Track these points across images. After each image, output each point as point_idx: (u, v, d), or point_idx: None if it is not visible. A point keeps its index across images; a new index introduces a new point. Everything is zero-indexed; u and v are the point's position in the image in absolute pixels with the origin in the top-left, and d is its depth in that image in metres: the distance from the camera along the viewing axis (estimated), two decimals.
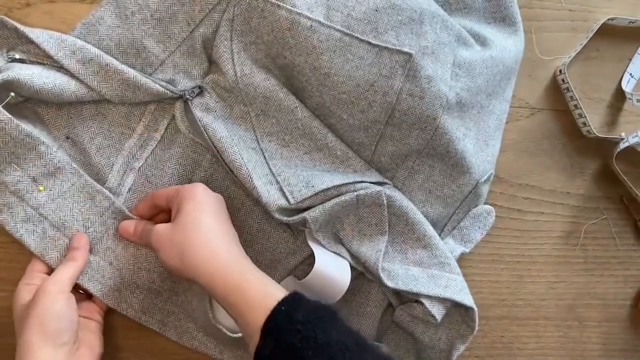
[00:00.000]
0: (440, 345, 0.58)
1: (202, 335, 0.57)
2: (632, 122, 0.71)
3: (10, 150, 0.50)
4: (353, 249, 0.57)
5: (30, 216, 0.52)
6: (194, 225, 0.49)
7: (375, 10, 0.53)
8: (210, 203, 0.51)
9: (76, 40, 0.52)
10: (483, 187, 0.62)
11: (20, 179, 0.51)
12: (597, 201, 0.70)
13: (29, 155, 0.51)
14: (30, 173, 0.52)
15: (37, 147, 0.51)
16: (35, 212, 0.52)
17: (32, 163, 0.51)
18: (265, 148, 0.56)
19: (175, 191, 0.52)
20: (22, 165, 0.51)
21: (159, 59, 0.55)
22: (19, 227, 0.52)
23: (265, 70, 0.55)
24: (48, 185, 0.53)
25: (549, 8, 0.68)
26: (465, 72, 0.57)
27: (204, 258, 0.48)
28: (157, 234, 0.50)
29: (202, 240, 0.48)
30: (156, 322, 0.56)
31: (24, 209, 0.52)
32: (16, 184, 0.51)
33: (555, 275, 0.69)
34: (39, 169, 0.52)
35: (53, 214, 0.53)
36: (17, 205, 0.52)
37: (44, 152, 0.51)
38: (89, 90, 0.53)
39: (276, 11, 0.52)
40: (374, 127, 0.56)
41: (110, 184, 0.56)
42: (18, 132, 0.49)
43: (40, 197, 0.52)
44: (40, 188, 0.52)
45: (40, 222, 0.52)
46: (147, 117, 0.57)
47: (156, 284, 0.56)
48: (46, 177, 0.52)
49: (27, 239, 0.52)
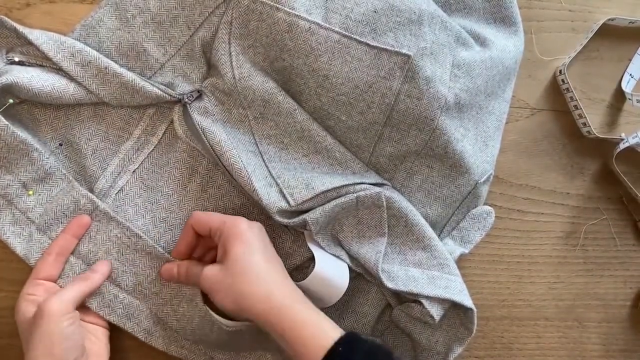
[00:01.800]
0: (437, 348, 0.58)
1: (190, 343, 0.56)
2: (632, 122, 0.71)
3: (3, 155, 0.50)
4: (352, 251, 0.57)
5: (17, 219, 0.52)
6: (245, 268, 0.49)
7: (373, 11, 0.53)
8: (256, 239, 0.51)
9: (75, 43, 0.52)
10: (482, 187, 0.62)
11: (10, 183, 0.52)
12: (597, 201, 0.70)
13: (20, 161, 0.51)
14: (21, 178, 0.52)
15: (30, 154, 0.51)
16: (23, 215, 0.53)
17: (24, 168, 0.52)
18: (264, 151, 0.56)
19: (219, 225, 0.51)
20: (13, 171, 0.51)
21: (159, 62, 0.55)
22: (6, 229, 0.52)
23: (263, 72, 0.55)
24: (37, 190, 0.53)
25: (549, 8, 0.68)
26: (465, 72, 0.57)
27: (259, 300, 0.48)
28: (208, 279, 0.50)
29: (255, 283, 0.49)
30: (141, 330, 0.55)
31: (11, 212, 0.52)
32: (6, 187, 0.52)
33: (555, 276, 0.69)
34: (29, 174, 0.52)
35: (40, 218, 0.53)
36: (5, 208, 0.52)
37: (36, 159, 0.52)
38: (88, 93, 0.53)
39: (274, 13, 0.52)
40: (372, 128, 0.56)
41: (101, 185, 0.56)
42: (13, 138, 0.50)
43: (29, 201, 0.52)
44: (29, 193, 0.52)
45: (27, 225, 0.53)
46: (146, 121, 0.57)
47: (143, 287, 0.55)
48: (36, 182, 0.53)
49: (13, 241, 0.52)
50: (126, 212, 0.56)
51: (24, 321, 0.49)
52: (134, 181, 0.57)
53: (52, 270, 0.52)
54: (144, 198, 0.57)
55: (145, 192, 0.57)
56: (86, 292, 0.51)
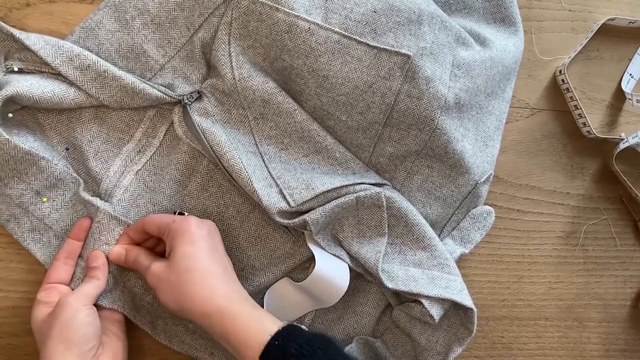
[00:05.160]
0: (437, 348, 0.58)
1: (192, 338, 0.57)
2: (632, 122, 0.71)
3: (11, 167, 0.51)
4: (353, 251, 0.57)
5: (35, 226, 0.54)
6: (190, 268, 0.49)
7: (373, 11, 0.53)
8: (204, 239, 0.51)
9: (73, 47, 0.52)
10: (482, 187, 0.62)
11: (23, 192, 0.52)
12: (597, 201, 0.70)
13: (30, 170, 0.52)
14: (33, 186, 0.53)
15: (38, 162, 0.52)
16: (40, 222, 0.54)
17: (34, 177, 0.52)
18: (264, 151, 0.56)
19: (167, 223, 0.52)
20: (24, 180, 0.52)
21: (159, 63, 0.55)
22: (26, 236, 0.53)
23: (263, 73, 0.55)
24: (51, 197, 0.54)
25: (549, 8, 0.68)
26: (464, 72, 0.57)
27: (202, 301, 0.48)
28: (154, 275, 0.50)
29: (199, 283, 0.48)
30: (147, 323, 0.56)
31: (29, 219, 0.53)
32: (20, 196, 0.52)
33: (555, 276, 0.69)
34: (40, 182, 0.53)
35: (56, 224, 0.54)
36: (22, 216, 0.53)
37: (44, 167, 0.52)
38: (88, 96, 0.53)
39: (274, 14, 0.52)
40: (372, 128, 0.56)
41: (105, 185, 0.56)
42: (17, 151, 0.50)
43: (44, 208, 0.53)
44: (43, 200, 0.53)
45: (46, 231, 0.54)
46: (146, 123, 0.57)
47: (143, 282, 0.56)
48: (48, 189, 0.53)
49: (33, 247, 0.54)
50: (129, 212, 0.56)
51: (39, 321, 0.49)
52: (136, 183, 0.57)
53: (62, 273, 0.52)
54: (145, 199, 0.57)
55: (147, 194, 0.57)
56: (101, 287, 0.52)
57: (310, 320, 0.60)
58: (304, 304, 0.58)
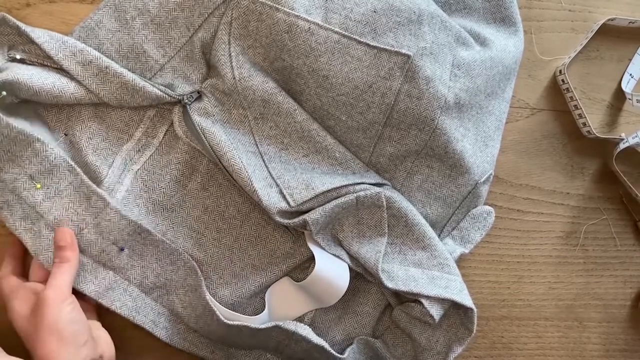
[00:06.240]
0: (438, 348, 0.58)
1: (193, 336, 0.57)
2: (632, 122, 0.71)
3: (5, 148, 0.50)
4: (353, 251, 0.57)
5: (27, 214, 0.52)
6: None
7: (373, 11, 0.53)
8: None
9: (77, 42, 0.52)
10: (482, 187, 0.62)
11: (17, 177, 0.51)
12: (597, 201, 0.70)
13: (25, 153, 0.51)
14: (27, 171, 0.51)
15: (33, 144, 0.50)
16: (32, 210, 0.52)
17: (29, 160, 0.51)
18: (264, 151, 0.57)
19: None
20: (19, 163, 0.51)
21: (159, 63, 0.55)
22: (18, 224, 0.52)
23: (263, 73, 0.55)
24: (45, 183, 0.52)
25: (549, 8, 0.68)
26: (464, 72, 0.57)
27: None
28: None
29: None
30: (149, 321, 0.56)
31: (21, 207, 0.52)
32: (13, 181, 0.51)
33: (555, 276, 0.69)
34: (35, 167, 0.51)
35: (48, 213, 0.52)
36: (15, 203, 0.51)
37: (39, 149, 0.51)
38: (88, 92, 0.53)
39: (274, 14, 0.52)
40: (372, 128, 0.56)
41: (106, 184, 0.56)
42: (9, 130, 0.49)
43: (37, 195, 0.52)
44: (37, 186, 0.52)
45: (37, 220, 0.52)
46: (146, 123, 0.57)
47: (149, 280, 0.55)
48: (43, 175, 0.52)
49: (24, 236, 0.52)
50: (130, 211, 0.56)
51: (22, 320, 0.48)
52: (135, 182, 0.57)
53: None
54: (145, 199, 0.57)
55: (146, 194, 0.57)
56: (75, 268, 0.51)
57: (309, 320, 0.60)
58: (304, 303, 0.59)
